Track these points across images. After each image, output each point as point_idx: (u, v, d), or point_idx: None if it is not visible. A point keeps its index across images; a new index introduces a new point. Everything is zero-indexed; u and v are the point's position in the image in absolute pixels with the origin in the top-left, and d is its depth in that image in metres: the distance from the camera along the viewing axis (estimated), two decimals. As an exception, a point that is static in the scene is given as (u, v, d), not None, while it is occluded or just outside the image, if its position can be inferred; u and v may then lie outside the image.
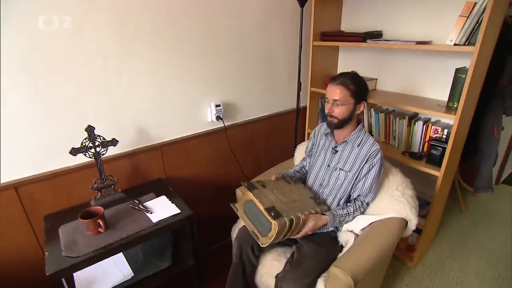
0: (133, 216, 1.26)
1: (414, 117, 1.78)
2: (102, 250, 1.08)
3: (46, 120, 1.22)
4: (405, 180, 1.41)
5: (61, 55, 1.18)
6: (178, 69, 1.51)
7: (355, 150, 1.32)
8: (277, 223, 1.09)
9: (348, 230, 1.34)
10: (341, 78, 1.24)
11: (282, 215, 1.13)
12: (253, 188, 1.24)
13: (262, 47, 1.83)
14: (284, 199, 1.25)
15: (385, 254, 1.20)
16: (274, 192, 1.27)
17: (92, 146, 1.27)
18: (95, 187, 1.32)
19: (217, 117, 1.68)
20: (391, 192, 1.36)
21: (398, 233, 1.24)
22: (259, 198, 1.18)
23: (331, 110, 1.28)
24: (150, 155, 1.54)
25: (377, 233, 1.24)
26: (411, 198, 1.33)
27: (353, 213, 1.31)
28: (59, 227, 1.19)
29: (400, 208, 1.30)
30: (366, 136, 1.33)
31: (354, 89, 1.23)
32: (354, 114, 1.29)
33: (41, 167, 1.26)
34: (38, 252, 1.32)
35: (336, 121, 1.29)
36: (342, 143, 1.35)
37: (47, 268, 0.99)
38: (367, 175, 1.30)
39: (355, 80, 1.25)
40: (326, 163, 1.41)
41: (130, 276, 1.28)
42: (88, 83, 1.27)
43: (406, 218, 1.29)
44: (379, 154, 1.28)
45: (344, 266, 1.08)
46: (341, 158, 1.36)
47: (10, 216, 1.22)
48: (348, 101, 1.24)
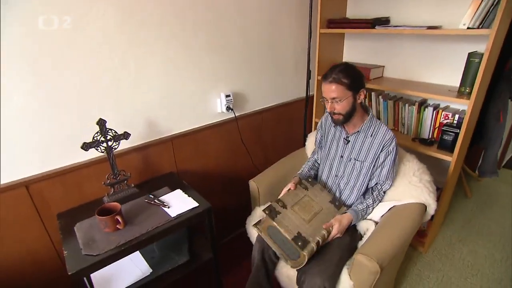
0: (150, 211, 1.23)
1: (423, 103, 1.78)
2: (123, 247, 1.05)
3: (52, 115, 1.16)
4: (422, 166, 1.42)
5: (65, 47, 1.12)
6: (186, 60, 1.47)
7: (368, 140, 1.32)
8: (306, 254, 1.12)
9: (367, 219, 1.35)
10: (333, 74, 1.21)
11: (309, 241, 1.16)
12: (275, 215, 1.22)
13: (269, 36, 1.79)
14: (306, 216, 1.26)
15: (407, 239, 1.21)
16: (295, 210, 1.27)
17: (104, 140, 1.23)
18: (108, 182, 1.28)
19: (227, 107, 1.65)
20: (408, 178, 1.37)
21: (419, 218, 1.25)
22: (284, 227, 1.18)
23: (332, 108, 1.26)
24: (161, 148, 1.50)
25: (399, 219, 1.24)
26: (429, 183, 1.34)
27: (372, 204, 1.33)
28: (74, 225, 1.15)
29: (418, 193, 1.31)
30: (379, 124, 1.32)
31: (348, 81, 1.20)
32: (356, 105, 1.27)
33: (50, 164, 1.21)
34: (51, 251, 1.28)
35: (342, 117, 1.27)
36: (354, 134, 1.34)
37: (68, 267, 0.96)
38: (383, 163, 1.30)
39: (347, 72, 1.21)
40: (339, 154, 1.40)
41: (149, 272, 1.26)
42: (95, 75, 1.22)
43: (425, 203, 1.30)
44: (393, 141, 1.28)
45: (369, 253, 1.08)
46: (354, 148, 1.35)
47: (22, 215, 1.17)
48: (346, 95, 1.22)
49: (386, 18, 1.84)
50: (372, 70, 1.86)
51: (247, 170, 1.91)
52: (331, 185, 1.44)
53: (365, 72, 1.87)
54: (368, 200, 1.33)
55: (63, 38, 1.11)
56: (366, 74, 1.87)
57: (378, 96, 1.92)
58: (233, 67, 1.67)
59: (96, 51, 1.20)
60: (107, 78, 1.26)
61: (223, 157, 1.79)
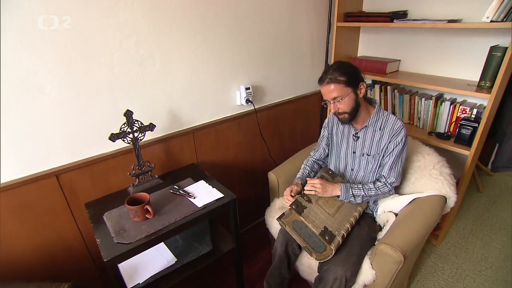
0: (176, 201, 1.26)
1: (440, 98, 1.80)
2: (153, 236, 1.08)
3: (82, 106, 1.19)
4: (441, 159, 1.44)
5: (95, 39, 1.14)
6: (207, 53, 1.49)
7: (378, 134, 1.31)
8: (334, 248, 1.16)
9: (387, 211, 1.37)
10: (328, 75, 1.21)
11: (335, 235, 1.20)
12: (302, 210, 1.25)
13: (288, 29, 1.80)
14: (331, 210, 1.28)
15: (429, 230, 1.23)
16: (320, 205, 1.29)
17: (131, 131, 1.25)
18: (133, 173, 1.31)
19: (246, 100, 1.67)
20: (428, 171, 1.39)
21: (440, 210, 1.27)
22: (311, 222, 1.21)
23: (336, 108, 1.26)
24: (183, 140, 1.52)
25: (420, 210, 1.27)
26: (449, 176, 1.37)
27: (374, 196, 1.31)
28: (103, 214, 1.18)
29: (439, 186, 1.33)
30: (387, 115, 1.31)
31: (345, 78, 1.20)
32: (359, 99, 1.26)
33: (79, 154, 1.24)
34: (79, 239, 1.31)
35: (347, 116, 1.27)
36: (362, 129, 1.34)
37: (103, 254, 0.99)
38: (391, 153, 1.29)
39: (342, 69, 1.21)
40: (350, 150, 1.41)
41: (174, 261, 1.29)
42: (122, 67, 1.24)
43: (445, 195, 1.32)
44: (402, 131, 1.27)
45: (393, 243, 1.10)
46: (364, 143, 1.35)
47: (53, 203, 1.20)
48: (347, 92, 1.21)
49: (403, 11, 1.84)
50: (388, 64, 1.87)
51: (264, 162, 1.94)
52: (349, 177, 1.46)
53: (382, 66, 1.88)
54: (370, 191, 1.30)
55: (92, 30, 1.13)
56: (382, 68, 1.88)
57: (393, 90, 1.93)
58: (252, 60, 1.69)
59: (124, 43, 1.21)
60: (134, 70, 1.28)
61: (242, 149, 1.82)
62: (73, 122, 1.18)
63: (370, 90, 2.04)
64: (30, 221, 1.18)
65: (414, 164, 1.44)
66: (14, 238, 1.16)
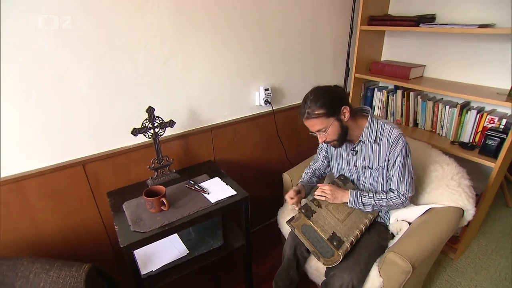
0: (191, 196, 1.32)
1: (466, 106, 1.74)
2: (167, 227, 1.14)
3: (109, 102, 1.28)
4: (461, 170, 1.40)
5: (123, 36, 1.23)
6: (228, 53, 1.54)
7: (375, 147, 1.27)
8: (341, 254, 1.17)
9: (401, 220, 1.36)
10: (306, 109, 1.17)
11: (343, 241, 1.21)
12: (311, 214, 1.26)
13: (309, 32, 1.82)
14: (340, 216, 1.29)
15: (442, 242, 1.21)
16: (330, 210, 1.30)
17: (152, 126, 1.33)
18: (153, 166, 1.39)
19: (265, 101, 1.71)
20: (446, 182, 1.36)
21: (455, 222, 1.25)
22: (320, 226, 1.23)
23: (323, 139, 1.23)
24: (201, 137, 1.59)
25: (434, 221, 1.24)
26: (468, 188, 1.33)
27: (384, 206, 1.27)
28: (122, 204, 1.27)
29: (456, 197, 1.30)
30: (380, 125, 1.25)
31: (324, 111, 1.15)
32: (345, 123, 1.22)
33: (104, 146, 1.33)
34: (101, 225, 1.42)
35: (337, 142, 1.25)
36: (358, 143, 1.31)
37: (120, 240, 1.07)
38: (393, 165, 1.24)
39: (320, 99, 1.15)
40: (352, 164, 1.38)
41: (186, 253, 1.35)
42: (147, 66, 1.32)
43: (463, 208, 1.29)
44: (400, 141, 1.20)
45: (402, 252, 1.10)
46: (364, 157, 1.32)
47: (79, 191, 1.31)
48: (328, 123, 1.18)
49: (431, 15, 1.80)
50: (412, 69, 1.83)
51: (280, 163, 1.96)
52: (357, 187, 1.45)
53: (405, 71, 1.85)
54: (381, 201, 1.26)
55: (120, 30, 1.21)
56: (405, 73, 1.85)
57: (416, 96, 1.89)
58: (273, 62, 1.72)
59: (149, 44, 1.29)
60: (157, 69, 1.35)
61: (259, 148, 1.86)
62: (100, 116, 1.28)
63: (392, 95, 2.01)
64: (59, 206, 1.29)
65: (431, 173, 1.41)
66: (46, 220, 1.28)
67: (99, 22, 1.16)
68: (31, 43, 1.05)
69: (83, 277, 1.03)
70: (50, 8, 1.05)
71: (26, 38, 1.04)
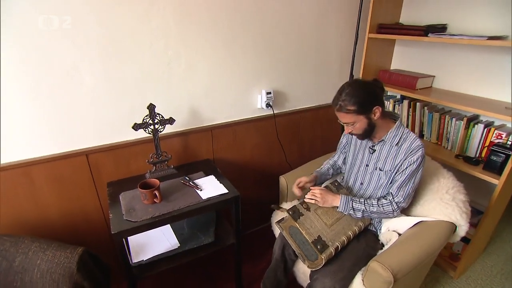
0: (184, 191, 1.38)
1: (474, 119, 1.69)
2: (157, 219, 1.21)
3: (114, 97, 1.37)
4: (457, 184, 1.37)
5: (130, 37, 1.31)
6: (232, 56, 1.59)
7: (394, 149, 1.29)
8: (324, 258, 1.19)
9: (391, 230, 1.35)
10: (339, 101, 1.20)
11: (328, 246, 1.22)
12: (298, 216, 1.29)
13: (315, 38, 1.85)
14: (328, 221, 1.31)
15: (429, 256, 1.19)
16: (318, 214, 1.33)
17: (152, 123, 1.40)
18: (151, 161, 1.46)
19: (267, 104, 1.75)
20: (440, 195, 1.34)
21: (445, 237, 1.23)
22: (305, 229, 1.25)
23: (349, 130, 1.27)
24: (201, 136, 1.65)
25: (423, 234, 1.23)
26: (462, 203, 1.30)
27: (376, 212, 1.29)
28: (119, 194, 1.35)
29: (449, 212, 1.27)
30: (407, 133, 1.28)
31: (355, 107, 1.17)
32: (374, 122, 1.24)
33: (107, 138, 1.42)
34: (100, 213, 1.51)
35: (361, 136, 1.30)
36: (379, 142, 1.33)
37: (112, 227, 1.14)
38: (403, 172, 1.25)
39: (353, 96, 1.17)
40: (364, 163, 1.40)
41: (176, 246, 1.41)
42: (151, 65, 1.40)
43: (455, 223, 1.26)
44: (420, 151, 1.23)
45: (385, 261, 1.10)
46: (379, 157, 1.34)
47: (81, 179, 1.41)
48: (357, 119, 1.21)
49: (443, 25, 1.77)
50: (419, 79, 1.81)
51: (280, 166, 1.99)
52: (356, 192, 1.46)
53: (411, 81, 1.83)
54: (371, 207, 1.28)
55: (127, 31, 1.30)
56: (412, 83, 1.83)
57: (423, 107, 1.86)
58: (276, 65, 1.76)
59: (154, 45, 1.37)
60: (161, 69, 1.43)
61: (258, 151, 1.90)
62: (104, 111, 1.37)
63: (398, 105, 1.99)
64: (62, 192, 1.39)
65: (427, 186, 1.40)
66: (49, 205, 1.38)
67: (108, 24, 1.25)
68: (43, 42, 1.16)
69: (75, 259, 1.11)
70: (64, 8, 1.15)
71: (39, 37, 1.15)
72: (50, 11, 1.14)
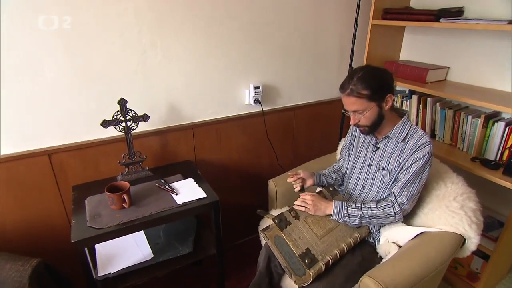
0: (158, 195, 1.39)
1: (494, 117, 1.65)
2: (124, 226, 1.21)
3: (79, 91, 1.38)
4: (468, 191, 1.34)
5: (94, 24, 1.31)
6: (216, 46, 1.60)
7: (399, 146, 1.29)
8: (312, 274, 1.17)
9: (391, 242, 1.33)
10: (350, 85, 1.19)
11: (318, 260, 1.20)
12: (285, 225, 1.27)
13: (312, 26, 1.84)
14: (320, 231, 1.29)
15: (431, 272, 1.16)
16: (308, 223, 1.30)
17: (123, 120, 1.41)
18: (123, 162, 1.47)
19: (255, 100, 1.75)
20: (446, 202, 1.31)
21: (451, 250, 1.20)
22: (292, 240, 1.23)
23: (356, 121, 1.26)
24: (181, 135, 1.66)
25: (424, 246, 1.21)
26: (472, 212, 1.27)
27: (375, 217, 1.26)
28: (85, 198, 1.36)
29: (455, 221, 1.24)
30: (414, 129, 1.29)
31: (368, 92, 1.18)
32: (384, 112, 1.25)
33: (72, 137, 1.43)
34: (64, 220, 1.52)
35: (368, 129, 1.28)
36: (384, 139, 1.33)
37: (72, 235, 1.15)
38: (407, 169, 1.25)
39: (367, 80, 1.18)
40: (367, 163, 1.40)
41: (150, 257, 1.42)
42: (122, 55, 1.41)
43: (463, 235, 1.23)
44: (427, 147, 1.22)
45: (378, 277, 1.08)
46: (383, 156, 1.34)
47: (42, 182, 1.42)
48: (369, 107, 1.21)
49: (459, 8, 1.73)
50: (430, 71, 1.78)
51: (271, 169, 1.99)
52: (357, 197, 1.44)
53: (421, 74, 1.80)
54: (370, 211, 1.26)
55: (93, 15, 1.30)
56: (421, 75, 1.80)
57: (435, 103, 1.83)
58: (266, 57, 1.76)
59: (125, 32, 1.38)
60: (135, 59, 1.44)
61: (246, 152, 1.90)
62: (69, 105, 1.38)
63: (406, 101, 1.96)
64: (20, 196, 1.39)
65: (432, 192, 1.37)
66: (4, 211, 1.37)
67: (70, 7, 1.25)
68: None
69: (28, 272, 1.11)
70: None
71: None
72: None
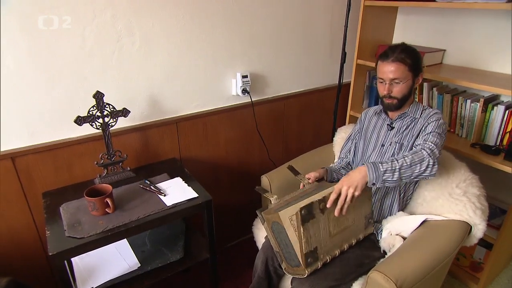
0: (144, 197, 1.38)
1: (493, 100, 1.74)
2: (109, 233, 1.20)
3: (47, 84, 1.33)
4: (471, 177, 1.42)
5: (63, 8, 1.27)
6: (200, 32, 1.60)
7: (414, 121, 1.44)
8: (308, 271, 1.22)
9: (394, 234, 1.39)
10: (395, 53, 1.36)
11: (318, 260, 1.25)
12: (308, 219, 1.19)
13: (301, 9, 1.87)
14: (334, 230, 1.28)
15: (440, 263, 1.23)
16: (330, 219, 1.26)
17: (100, 115, 1.39)
18: (101, 163, 1.45)
19: (243, 90, 1.76)
20: (449, 190, 1.39)
21: (459, 238, 1.27)
22: (306, 237, 1.19)
23: (389, 91, 1.39)
24: (164, 131, 1.65)
25: (431, 236, 1.27)
26: (476, 198, 1.35)
27: (411, 162, 1.22)
28: (60, 205, 1.32)
29: (459, 209, 1.32)
30: (426, 106, 1.48)
31: (411, 62, 1.36)
32: (412, 90, 1.42)
33: (40, 137, 1.39)
34: (33, 232, 1.47)
35: (396, 102, 1.41)
36: (399, 118, 1.47)
37: (49, 247, 1.12)
38: (425, 130, 1.38)
39: (409, 52, 1.37)
40: (379, 143, 1.51)
41: (137, 266, 1.41)
42: (95, 43, 1.38)
43: (469, 222, 1.31)
44: (440, 115, 1.40)
45: (387, 271, 1.13)
46: (398, 132, 1.46)
47: (5, 190, 1.36)
48: (408, 77, 1.38)
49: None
50: (426, 54, 1.86)
51: (262, 164, 2.02)
52: None
53: (417, 57, 1.87)
54: (405, 159, 1.22)
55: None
56: (418, 59, 1.87)
57: (431, 88, 1.91)
58: (254, 43, 1.78)
59: (98, 16, 1.35)
60: (109, 48, 1.42)
61: (235, 146, 1.92)
62: (35, 101, 1.33)
63: (402, 86, 2.03)
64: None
65: (434, 179, 1.43)
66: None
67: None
68: None
69: (-4, 294, 1.08)
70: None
71: None
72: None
